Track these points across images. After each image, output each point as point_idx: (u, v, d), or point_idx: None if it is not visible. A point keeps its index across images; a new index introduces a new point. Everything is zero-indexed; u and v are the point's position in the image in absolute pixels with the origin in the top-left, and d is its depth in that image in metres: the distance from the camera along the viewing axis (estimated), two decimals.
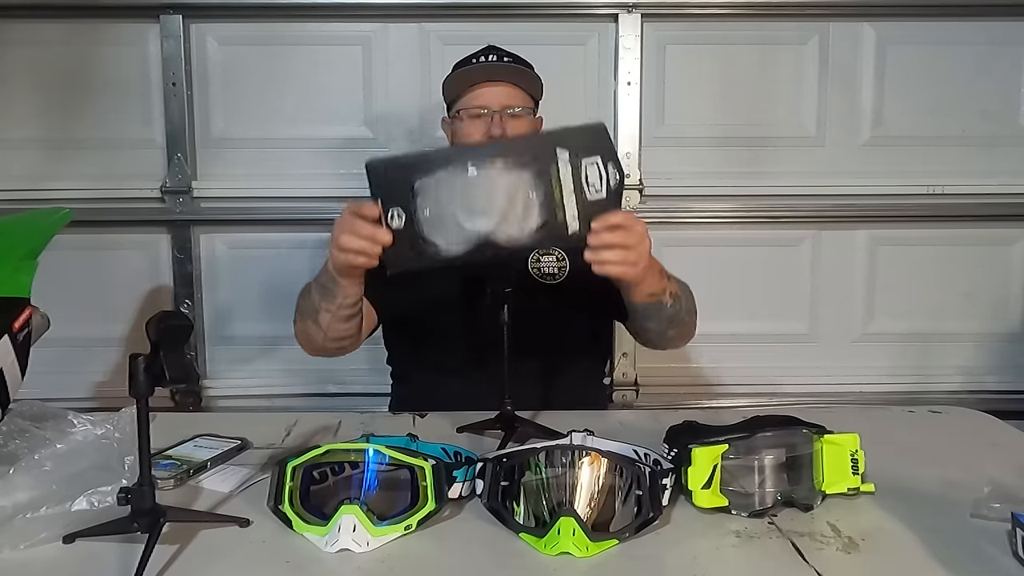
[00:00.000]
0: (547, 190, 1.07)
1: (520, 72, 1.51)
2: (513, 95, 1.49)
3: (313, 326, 1.36)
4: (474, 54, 1.54)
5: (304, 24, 2.24)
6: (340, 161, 2.25)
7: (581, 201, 1.07)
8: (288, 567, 0.87)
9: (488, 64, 1.51)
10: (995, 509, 0.96)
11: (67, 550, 0.89)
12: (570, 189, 1.06)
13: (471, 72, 1.51)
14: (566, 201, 1.06)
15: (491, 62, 1.51)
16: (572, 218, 1.06)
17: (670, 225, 2.28)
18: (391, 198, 1.09)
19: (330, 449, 0.98)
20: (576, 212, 1.06)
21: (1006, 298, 2.37)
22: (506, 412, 1.23)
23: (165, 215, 2.25)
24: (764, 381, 2.33)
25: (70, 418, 1.06)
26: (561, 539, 0.88)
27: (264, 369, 2.30)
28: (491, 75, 1.49)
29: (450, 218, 1.08)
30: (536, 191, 1.07)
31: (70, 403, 1.21)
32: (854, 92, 2.28)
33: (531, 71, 1.55)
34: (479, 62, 1.52)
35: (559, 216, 1.07)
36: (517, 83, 1.50)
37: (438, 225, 1.08)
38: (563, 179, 1.07)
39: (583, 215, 1.07)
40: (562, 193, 1.06)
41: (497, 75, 1.49)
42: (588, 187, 1.07)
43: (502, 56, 1.53)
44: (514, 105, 1.48)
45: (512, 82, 1.49)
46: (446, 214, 1.08)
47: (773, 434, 1.01)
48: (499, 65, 1.51)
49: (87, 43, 2.22)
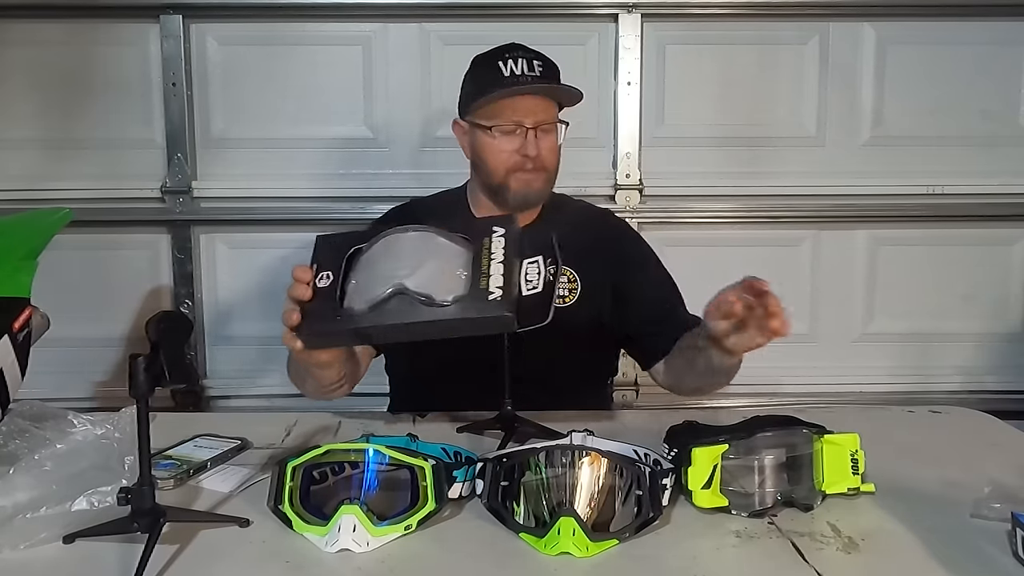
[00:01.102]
0: (477, 261, 0.99)
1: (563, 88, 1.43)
2: (546, 110, 1.43)
3: (299, 378, 1.33)
4: (499, 54, 1.43)
5: (304, 24, 2.24)
6: (340, 161, 2.25)
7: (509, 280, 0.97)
8: (288, 567, 0.87)
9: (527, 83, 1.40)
10: (995, 509, 0.96)
11: (67, 550, 0.89)
12: (499, 261, 0.98)
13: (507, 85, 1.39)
14: (492, 271, 0.98)
15: (524, 75, 1.40)
16: (496, 288, 0.97)
17: (670, 225, 2.28)
18: (324, 264, 1.04)
19: (330, 449, 0.98)
20: (501, 284, 0.97)
21: (1006, 298, 2.37)
22: (506, 412, 1.23)
23: (165, 215, 2.25)
24: (764, 381, 2.32)
25: (70, 418, 1.06)
26: (561, 539, 0.88)
27: (264, 369, 2.30)
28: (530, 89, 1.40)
29: (371, 278, 1.00)
30: (468, 266, 0.99)
31: (70, 403, 1.21)
32: (854, 92, 2.28)
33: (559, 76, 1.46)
34: (509, 68, 1.40)
35: (482, 283, 0.97)
36: (551, 97, 1.43)
37: (360, 289, 1.00)
38: (494, 251, 1.00)
39: (508, 294, 0.97)
40: (491, 263, 0.99)
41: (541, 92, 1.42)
42: (525, 281, 1.00)
43: (531, 61, 1.42)
44: (546, 121, 1.42)
45: (549, 97, 1.43)
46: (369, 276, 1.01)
47: (773, 434, 1.01)
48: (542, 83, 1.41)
49: (87, 43, 2.22)
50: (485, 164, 1.45)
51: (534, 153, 1.40)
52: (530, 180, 1.43)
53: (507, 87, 1.39)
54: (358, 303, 0.99)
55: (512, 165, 1.42)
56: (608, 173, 2.27)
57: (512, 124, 1.41)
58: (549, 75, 1.43)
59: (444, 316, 0.97)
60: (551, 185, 1.49)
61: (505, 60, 1.41)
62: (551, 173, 1.46)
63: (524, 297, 0.99)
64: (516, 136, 1.41)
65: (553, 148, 1.44)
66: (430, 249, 1.01)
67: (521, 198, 1.45)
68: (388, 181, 2.24)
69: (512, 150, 1.41)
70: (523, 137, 1.41)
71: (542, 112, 1.42)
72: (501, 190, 1.45)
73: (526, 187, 1.44)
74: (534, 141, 1.40)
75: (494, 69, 1.41)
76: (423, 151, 2.25)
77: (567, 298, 1.48)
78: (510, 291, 0.96)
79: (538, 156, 1.41)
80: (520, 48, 1.44)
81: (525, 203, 1.46)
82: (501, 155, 1.42)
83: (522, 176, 1.43)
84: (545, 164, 1.43)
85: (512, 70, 1.40)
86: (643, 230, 2.21)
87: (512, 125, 1.41)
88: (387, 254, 1.01)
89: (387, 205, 1.73)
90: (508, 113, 1.41)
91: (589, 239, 1.53)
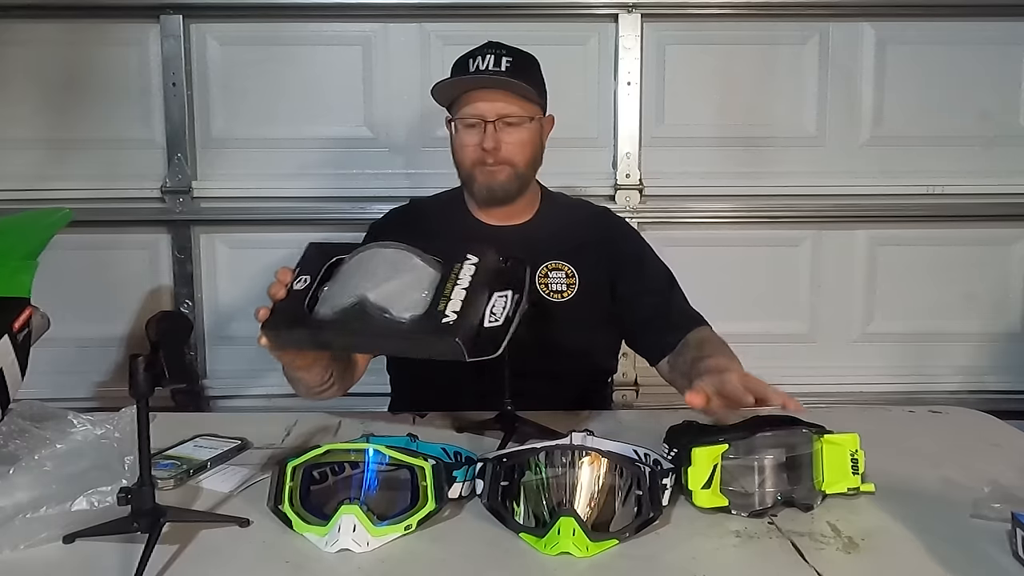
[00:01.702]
0: (441, 286, 0.99)
1: (511, 82, 1.41)
2: (509, 103, 1.42)
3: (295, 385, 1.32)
4: (472, 53, 1.46)
5: (304, 24, 2.24)
6: (340, 161, 2.25)
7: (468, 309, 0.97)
8: (288, 567, 0.87)
9: (479, 75, 1.42)
10: (995, 509, 0.96)
11: (67, 550, 0.89)
12: (463, 287, 0.98)
13: (464, 80, 1.43)
14: (453, 295, 0.98)
15: (487, 70, 1.41)
16: (451, 312, 0.96)
17: (670, 225, 2.28)
18: (305, 269, 1.07)
19: (330, 449, 0.98)
20: (457, 310, 0.96)
21: (1006, 298, 2.37)
22: (506, 412, 1.23)
23: (165, 215, 2.25)
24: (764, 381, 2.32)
25: (70, 418, 1.06)
26: (561, 539, 0.88)
27: (264, 369, 2.30)
28: (483, 83, 1.42)
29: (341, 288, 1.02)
30: (433, 288, 0.99)
31: (70, 403, 1.21)
32: (854, 92, 2.28)
33: (531, 71, 1.47)
34: (475, 64, 1.43)
35: (440, 305, 0.97)
36: (512, 91, 1.42)
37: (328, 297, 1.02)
38: (461, 278, 1.00)
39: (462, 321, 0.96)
40: (454, 288, 0.99)
41: (489, 84, 1.42)
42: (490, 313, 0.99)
43: (500, 57, 1.43)
44: (510, 115, 1.42)
45: (507, 90, 1.42)
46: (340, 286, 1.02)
47: (773, 434, 1.01)
48: (492, 75, 1.41)
49: (87, 43, 2.22)
50: (454, 158, 1.49)
51: (490, 146, 1.41)
52: (493, 173, 1.44)
53: (468, 82, 1.43)
54: (324, 310, 1.00)
55: (475, 159, 1.44)
56: (608, 173, 2.27)
57: (473, 118, 1.43)
58: (516, 71, 1.43)
59: (396, 332, 0.97)
60: (522, 180, 1.48)
61: (474, 57, 1.44)
62: (519, 168, 1.46)
63: (484, 328, 0.98)
64: (477, 130, 1.43)
65: (521, 142, 1.44)
66: (401, 267, 1.01)
67: (485, 191, 1.47)
68: (388, 181, 2.24)
69: (475, 144, 1.43)
70: (482, 131, 1.42)
71: (504, 108, 1.42)
72: (469, 184, 1.49)
73: (490, 180, 1.45)
74: (493, 134, 1.41)
75: (463, 66, 1.45)
76: (423, 151, 2.25)
77: (565, 292, 1.49)
78: (465, 320, 0.96)
79: (497, 149, 1.42)
80: (495, 46, 1.46)
81: (491, 197, 1.47)
82: (465, 149, 1.45)
83: (485, 169, 1.44)
84: (509, 158, 1.44)
85: (478, 66, 1.42)
86: (643, 230, 2.21)
87: (473, 119, 1.43)
88: (360, 267, 1.02)
89: (387, 205, 1.73)
90: (470, 108, 1.43)
91: (587, 236, 1.54)
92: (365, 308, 0.98)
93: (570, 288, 1.49)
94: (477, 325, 0.98)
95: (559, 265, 1.50)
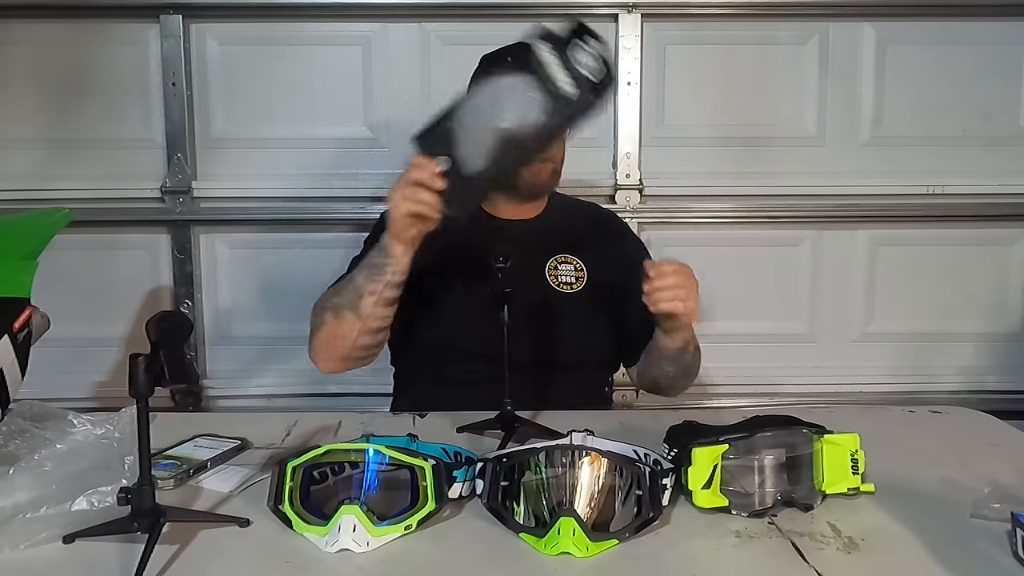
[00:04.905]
0: (538, 78, 1.19)
1: None
2: None
3: (345, 323, 1.35)
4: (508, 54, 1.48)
5: (304, 24, 2.24)
6: (340, 161, 2.25)
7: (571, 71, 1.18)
8: (288, 567, 0.87)
9: None
10: (995, 509, 0.96)
11: (67, 550, 0.89)
12: (556, 65, 1.19)
13: None
14: (554, 74, 1.18)
15: None
16: (565, 83, 1.18)
17: (670, 225, 2.28)
18: (435, 152, 1.22)
19: (330, 449, 0.98)
20: (567, 78, 1.18)
21: (1006, 298, 2.37)
22: (506, 412, 1.23)
23: (165, 215, 2.25)
24: (764, 381, 2.33)
25: (70, 418, 1.05)
26: (561, 539, 0.88)
27: (264, 369, 2.30)
28: None
29: (478, 134, 1.20)
30: (533, 85, 1.19)
31: (70, 403, 1.21)
32: (854, 92, 2.28)
33: None
34: None
35: (553, 88, 1.18)
36: None
37: (471, 145, 1.20)
38: (544, 61, 1.19)
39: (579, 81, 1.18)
40: (548, 70, 1.18)
41: None
42: (580, 66, 1.19)
43: None
44: None
45: None
46: (471, 138, 1.20)
47: (773, 434, 1.01)
48: None
49: (87, 43, 2.22)
50: None
51: None
52: (539, 171, 1.50)
53: None
54: (475, 163, 1.20)
55: None
56: (608, 173, 2.27)
57: None
58: None
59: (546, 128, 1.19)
60: (558, 177, 1.56)
61: None
62: (557, 164, 1.53)
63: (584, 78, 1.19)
64: None
65: None
66: (498, 91, 1.20)
67: (530, 189, 1.53)
68: (388, 181, 2.20)
69: None
70: None
71: None
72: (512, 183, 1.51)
73: (535, 178, 1.51)
74: None
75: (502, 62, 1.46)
76: None
77: (574, 285, 1.54)
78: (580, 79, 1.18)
79: None
80: None
81: (536, 193, 1.55)
82: None
83: (532, 167, 1.48)
84: (551, 155, 1.51)
85: None
86: (643, 230, 2.22)
87: None
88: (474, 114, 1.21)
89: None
90: None
91: (596, 235, 1.61)
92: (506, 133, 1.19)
93: (579, 281, 1.54)
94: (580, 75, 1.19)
95: (568, 259, 1.55)
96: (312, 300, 1.45)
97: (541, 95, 1.18)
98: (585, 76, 1.19)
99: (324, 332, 1.39)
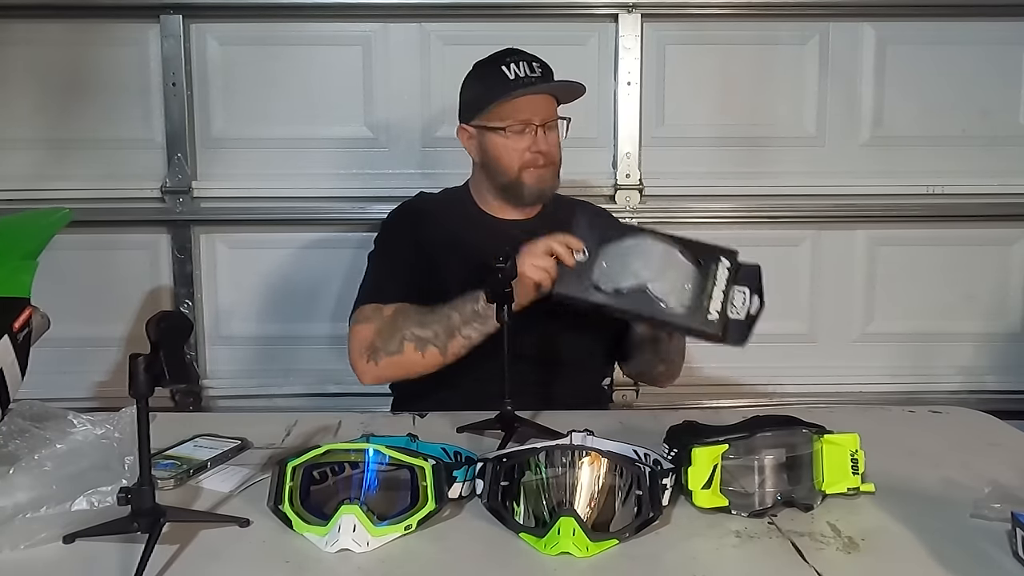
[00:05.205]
0: (702, 283, 1.26)
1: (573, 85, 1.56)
2: (551, 107, 1.55)
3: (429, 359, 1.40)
4: (503, 60, 1.52)
5: (304, 24, 2.23)
6: (340, 161, 2.25)
7: (725, 306, 1.25)
8: (288, 567, 0.87)
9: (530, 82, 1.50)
10: (995, 509, 0.96)
11: (67, 550, 0.89)
12: (721, 289, 1.25)
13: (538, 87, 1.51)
14: (714, 295, 1.25)
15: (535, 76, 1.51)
16: (715, 311, 1.25)
17: (670, 225, 2.27)
18: (584, 240, 1.29)
19: (330, 449, 0.98)
20: (719, 308, 1.25)
21: (1006, 298, 2.37)
22: (506, 412, 1.23)
23: (165, 215, 2.24)
24: (764, 381, 2.33)
25: (70, 418, 1.06)
26: (561, 539, 0.88)
27: (264, 369, 2.30)
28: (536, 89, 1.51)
29: (620, 268, 1.27)
30: (693, 283, 1.26)
31: (70, 403, 1.21)
32: (854, 92, 2.28)
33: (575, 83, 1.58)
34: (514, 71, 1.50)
35: (704, 303, 1.25)
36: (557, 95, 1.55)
37: (609, 272, 1.28)
38: (718, 279, 1.26)
39: (722, 316, 1.25)
40: (714, 288, 1.25)
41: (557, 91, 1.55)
42: (732, 305, 1.25)
43: (531, 62, 1.52)
44: (552, 118, 1.54)
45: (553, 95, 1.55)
46: (618, 266, 1.28)
47: (773, 434, 1.01)
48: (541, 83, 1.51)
49: (87, 43, 2.22)
50: (499, 163, 1.54)
51: (545, 149, 1.52)
52: (542, 175, 1.54)
53: (515, 89, 1.49)
54: (605, 284, 1.27)
55: (525, 162, 1.53)
56: (608, 173, 2.27)
57: (522, 124, 1.51)
58: (547, 75, 1.54)
59: (671, 319, 1.26)
60: (558, 179, 1.59)
61: (507, 64, 1.51)
62: (558, 167, 1.57)
63: (731, 320, 1.25)
64: (526, 135, 1.51)
65: (557, 143, 1.55)
66: (671, 262, 1.28)
67: (536, 192, 1.56)
68: (388, 181, 2.23)
69: (524, 148, 1.52)
70: (533, 135, 1.51)
71: (546, 110, 1.53)
72: (515, 187, 1.55)
73: (539, 182, 1.54)
74: (544, 138, 1.52)
75: (498, 73, 1.51)
76: (423, 151, 2.25)
77: None
78: (724, 316, 1.25)
79: (548, 152, 1.52)
80: (517, 52, 1.55)
81: (539, 197, 1.57)
82: (514, 153, 1.52)
83: (535, 172, 1.53)
84: (553, 159, 1.55)
85: (516, 73, 1.50)
86: None
87: (522, 125, 1.51)
88: (637, 254, 1.28)
89: (388, 205, 1.73)
90: (518, 113, 1.51)
91: None
92: (645, 292, 1.25)
93: None
94: (729, 318, 1.25)
95: None
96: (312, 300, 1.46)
97: (691, 296, 1.25)
98: (728, 316, 1.25)
99: (403, 360, 1.42)
